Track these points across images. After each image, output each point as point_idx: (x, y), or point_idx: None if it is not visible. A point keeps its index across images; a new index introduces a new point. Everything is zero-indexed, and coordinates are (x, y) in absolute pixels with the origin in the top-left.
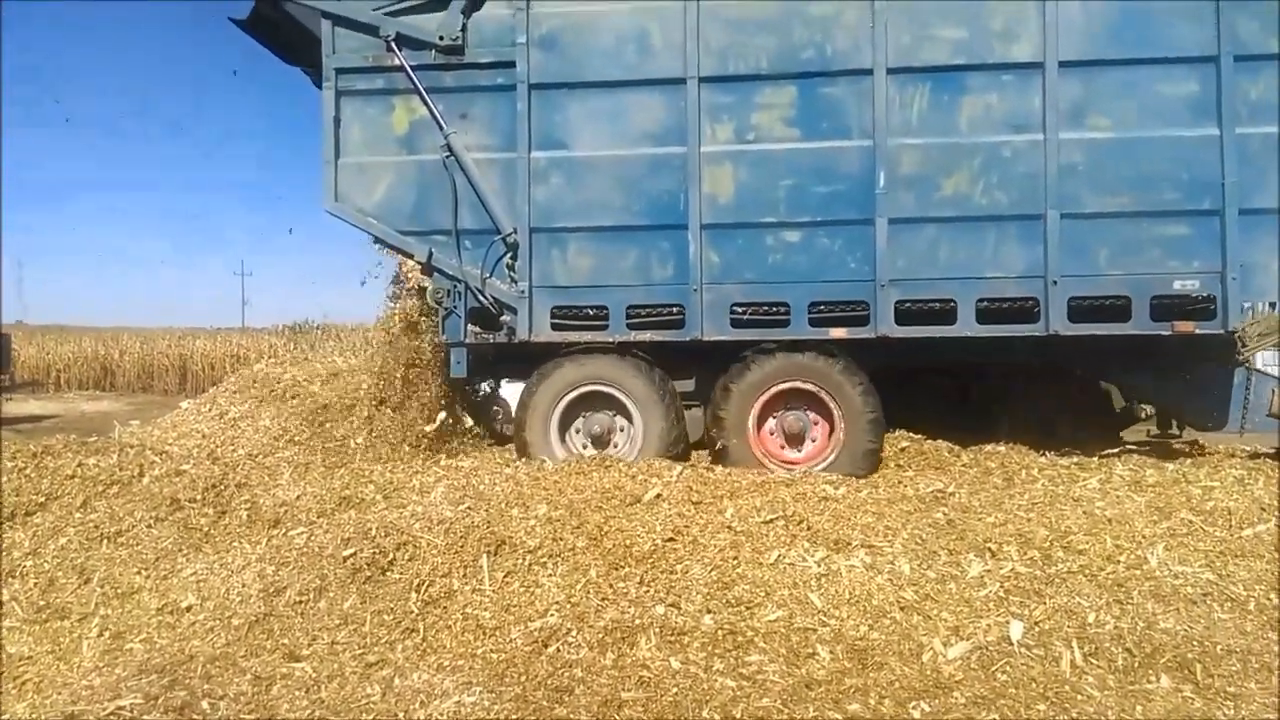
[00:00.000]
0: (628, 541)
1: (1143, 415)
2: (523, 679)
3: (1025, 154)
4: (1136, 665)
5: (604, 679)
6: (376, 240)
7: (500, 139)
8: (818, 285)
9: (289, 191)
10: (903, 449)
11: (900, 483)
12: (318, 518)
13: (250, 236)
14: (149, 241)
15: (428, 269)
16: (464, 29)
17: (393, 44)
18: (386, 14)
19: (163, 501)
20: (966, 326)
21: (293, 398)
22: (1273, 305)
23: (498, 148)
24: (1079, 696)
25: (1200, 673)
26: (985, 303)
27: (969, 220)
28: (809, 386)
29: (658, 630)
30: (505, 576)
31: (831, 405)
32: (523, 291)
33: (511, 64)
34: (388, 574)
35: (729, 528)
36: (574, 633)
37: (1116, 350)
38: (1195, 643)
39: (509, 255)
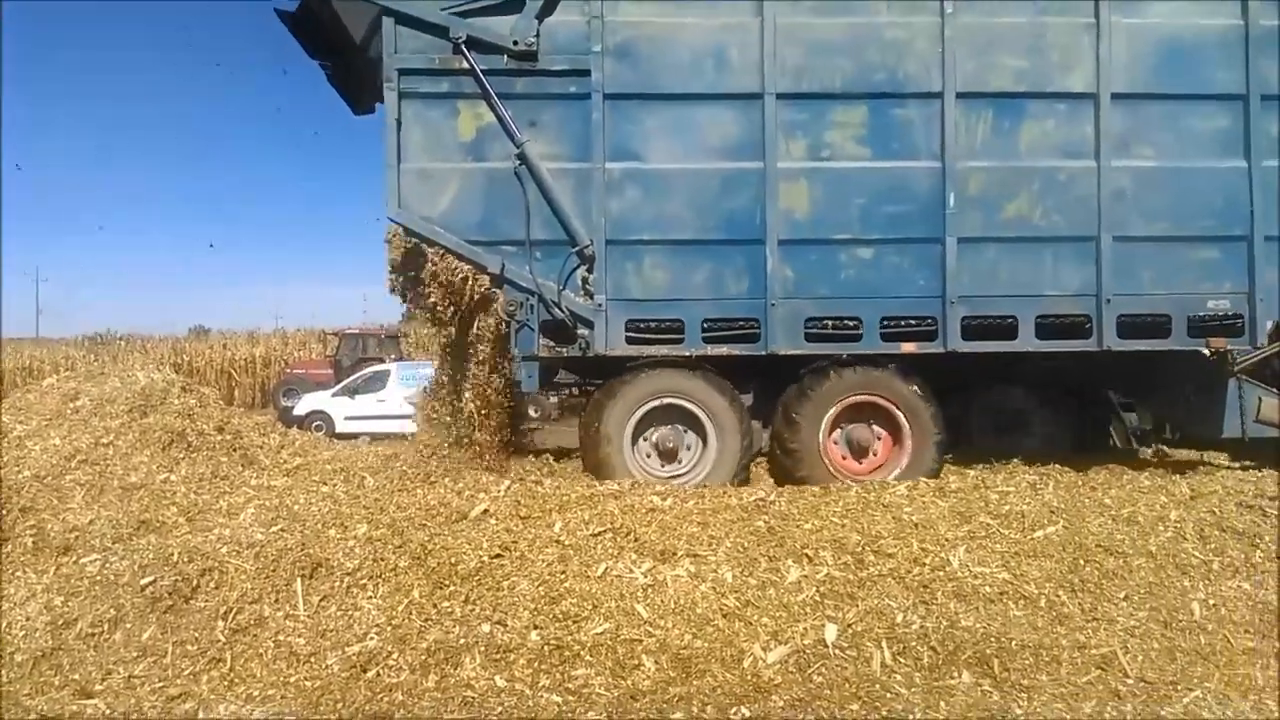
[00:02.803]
0: (453, 559)
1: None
2: (339, 706)
3: (1080, 179)
4: (940, 662)
5: (426, 701)
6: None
7: (571, 148)
8: (889, 301)
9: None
10: None
11: (724, 492)
12: (113, 543)
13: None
14: None
15: (499, 281)
16: (537, 34)
17: (462, 46)
18: (455, 14)
19: None
20: (1027, 342)
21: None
22: None
23: (569, 157)
24: (888, 694)
25: (998, 667)
26: (1042, 319)
27: (1030, 241)
28: (884, 402)
29: (483, 649)
30: (321, 600)
31: (903, 422)
32: (599, 305)
33: (585, 72)
34: (191, 602)
35: (557, 542)
36: (395, 655)
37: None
38: (993, 639)
39: (584, 268)
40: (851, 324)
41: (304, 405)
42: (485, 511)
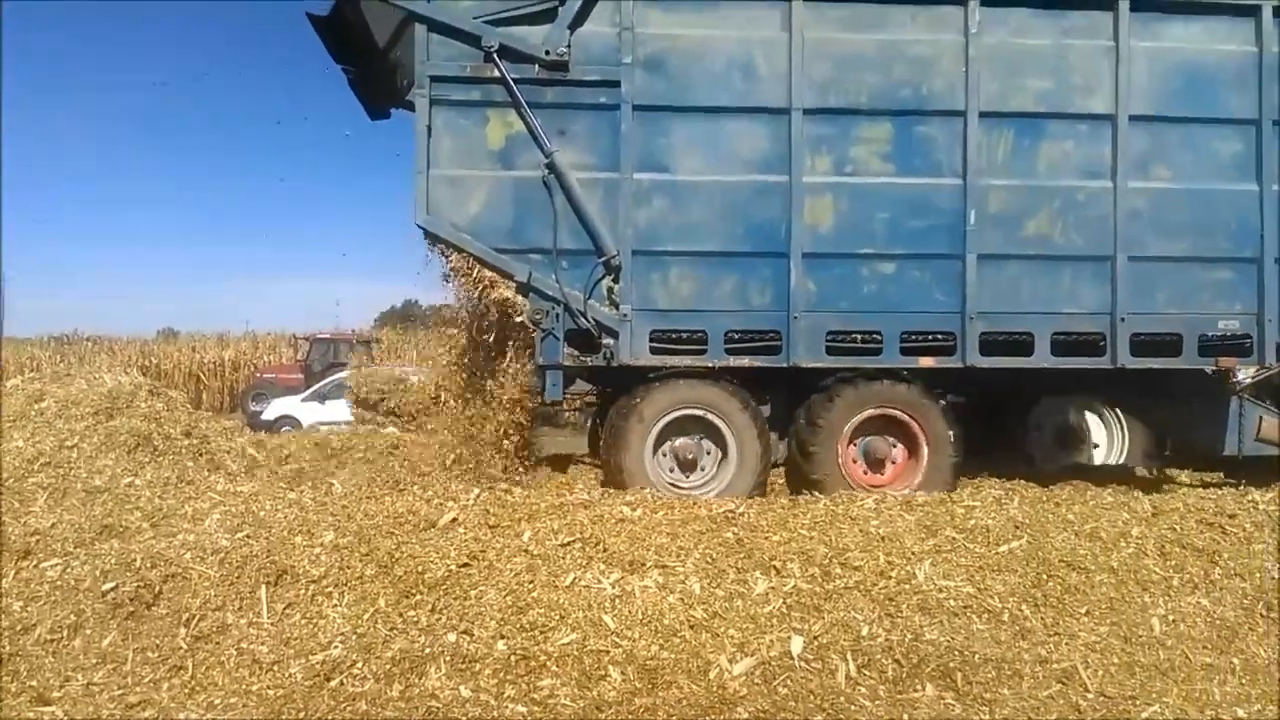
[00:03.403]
0: (420, 568)
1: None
2: (302, 715)
3: (1098, 199)
4: (904, 675)
5: (390, 711)
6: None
7: (599, 158)
8: (909, 316)
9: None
10: None
11: (694, 503)
12: (75, 548)
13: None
14: None
15: (525, 289)
16: (569, 45)
17: (495, 55)
18: (488, 22)
19: None
20: (1043, 359)
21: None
22: None
23: (597, 167)
24: (852, 707)
25: (960, 680)
26: (1058, 336)
27: (1048, 259)
28: (903, 415)
29: (448, 658)
30: (286, 608)
31: (921, 437)
32: (625, 315)
33: (615, 83)
34: (153, 608)
35: (526, 551)
36: (359, 664)
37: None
38: (956, 652)
39: (610, 278)
40: (872, 338)
41: (273, 410)
42: (454, 520)
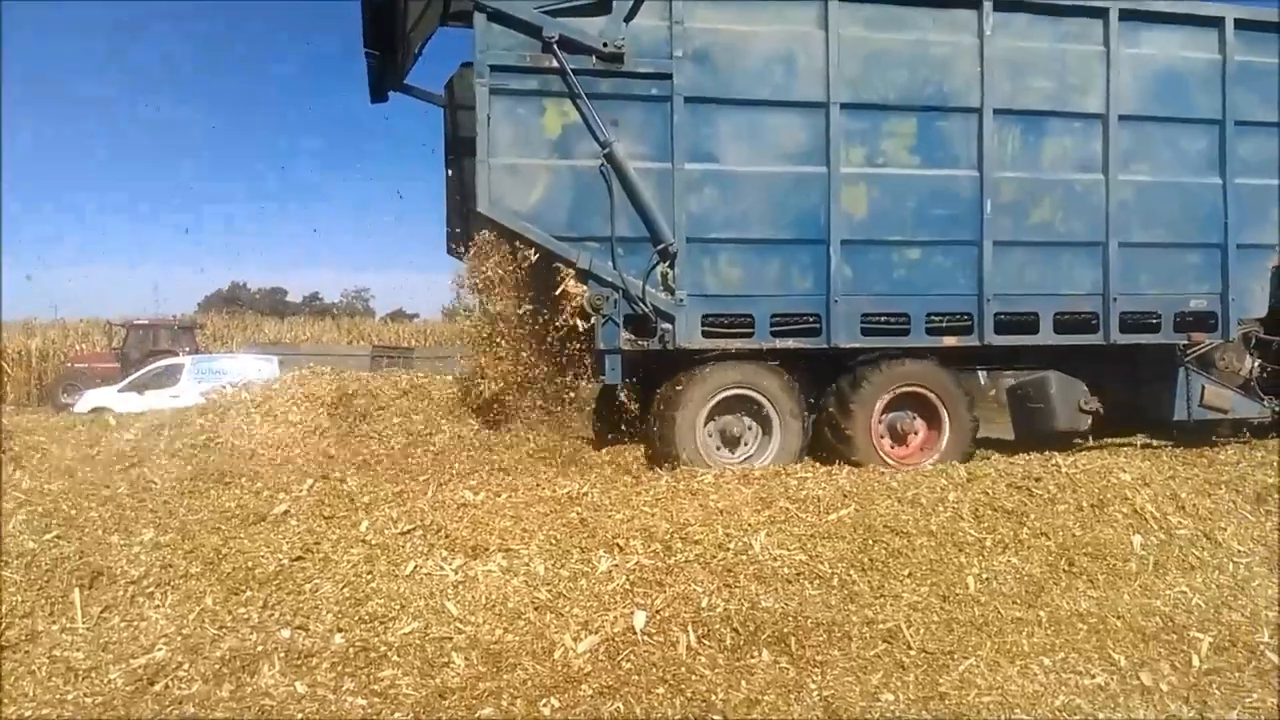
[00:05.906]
0: (250, 563)
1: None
2: None
3: (1093, 190)
4: (742, 643)
5: (220, 712)
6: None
7: (651, 148)
8: (934, 298)
9: None
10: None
11: (538, 485)
12: None
13: None
14: None
15: (583, 276)
16: (624, 37)
17: (554, 46)
18: (546, 13)
19: None
20: (1048, 336)
21: None
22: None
23: (648, 157)
24: (693, 676)
25: (794, 645)
26: (1059, 315)
27: (1051, 245)
28: (925, 391)
29: (282, 655)
30: (103, 612)
31: (942, 409)
32: (681, 300)
33: (667, 76)
34: None
35: (364, 541)
36: (185, 666)
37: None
38: (790, 618)
39: (665, 264)
40: (900, 319)
41: (86, 402)
42: (286, 512)
